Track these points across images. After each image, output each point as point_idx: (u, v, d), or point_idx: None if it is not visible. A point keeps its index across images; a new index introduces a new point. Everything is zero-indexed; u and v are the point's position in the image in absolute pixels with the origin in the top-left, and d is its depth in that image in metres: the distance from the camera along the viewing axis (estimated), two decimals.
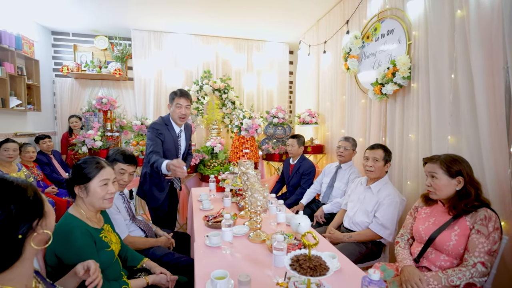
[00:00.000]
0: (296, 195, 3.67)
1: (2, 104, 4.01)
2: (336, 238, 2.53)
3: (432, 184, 1.82)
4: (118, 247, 1.79)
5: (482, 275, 1.58)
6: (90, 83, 5.75)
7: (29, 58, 4.68)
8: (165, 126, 2.99)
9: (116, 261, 1.73)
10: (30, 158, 4.00)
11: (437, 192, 1.81)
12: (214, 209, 2.77)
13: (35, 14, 4.75)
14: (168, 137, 2.97)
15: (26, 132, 4.74)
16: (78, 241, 1.48)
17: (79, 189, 1.59)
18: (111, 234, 1.76)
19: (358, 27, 3.70)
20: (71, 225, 1.51)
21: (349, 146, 3.31)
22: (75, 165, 1.63)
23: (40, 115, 5.18)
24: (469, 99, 2.15)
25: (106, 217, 1.83)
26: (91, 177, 1.59)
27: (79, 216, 1.58)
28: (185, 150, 3.24)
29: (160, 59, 5.59)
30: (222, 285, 1.41)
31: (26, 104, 4.49)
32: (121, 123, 4.75)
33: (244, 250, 1.92)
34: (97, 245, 1.57)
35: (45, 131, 5.14)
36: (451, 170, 1.75)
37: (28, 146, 4.00)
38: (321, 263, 1.12)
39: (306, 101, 5.45)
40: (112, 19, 4.97)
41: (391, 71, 2.85)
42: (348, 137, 3.40)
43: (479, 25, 2.03)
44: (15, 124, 4.57)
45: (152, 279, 1.80)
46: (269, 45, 6.21)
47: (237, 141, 4.56)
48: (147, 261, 1.98)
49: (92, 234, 1.57)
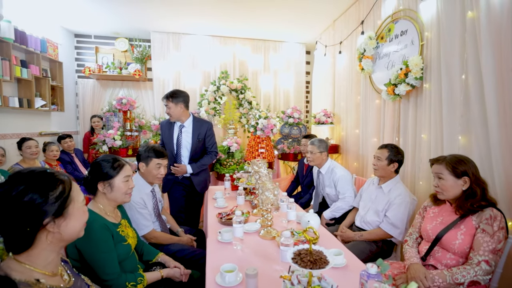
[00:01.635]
0: (310, 194, 3.67)
1: (28, 105, 4.13)
2: (348, 237, 2.58)
3: (439, 184, 1.85)
4: (135, 241, 1.89)
5: (486, 274, 1.60)
6: (111, 84, 5.94)
7: (53, 60, 4.82)
8: (168, 124, 3.27)
9: (133, 254, 1.83)
10: (54, 156, 4.14)
11: (444, 193, 1.84)
12: (228, 206, 2.86)
13: (60, 18, 4.95)
14: (165, 132, 3.25)
15: (50, 132, 4.91)
16: (97, 235, 1.58)
17: (103, 185, 1.70)
18: (128, 229, 1.86)
19: (373, 27, 3.71)
20: (90, 219, 1.57)
21: (315, 149, 3.12)
22: (95, 163, 1.74)
23: (63, 115, 5.36)
24: (479, 100, 2.16)
25: (123, 213, 1.94)
26: (115, 174, 1.72)
27: (97, 211, 1.68)
28: (192, 147, 3.20)
29: (178, 60, 5.71)
30: (230, 278, 1.49)
31: (50, 105, 4.62)
32: (140, 123, 4.90)
33: (254, 246, 1.99)
34: (114, 238, 1.67)
35: (67, 130, 5.34)
36: (457, 170, 1.77)
37: (52, 145, 4.14)
38: (321, 257, 1.19)
39: (322, 101, 5.48)
40: (132, 22, 5.12)
41: (404, 72, 2.86)
42: (314, 139, 3.23)
43: (489, 26, 2.04)
44: (40, 124, 4.74)
45: (166, 272, 1.87)
46: (286, 45, 6.25)
47: (253, 141, 4.64)
48: (162, 255, 2.06)
49: (110, 228, 1.66)
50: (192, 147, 3.20)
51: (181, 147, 3.20)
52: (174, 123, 3.23)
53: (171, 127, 3.24)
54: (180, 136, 3.20)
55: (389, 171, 2.54)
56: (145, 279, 1.73)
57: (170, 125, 3.24)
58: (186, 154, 3.22)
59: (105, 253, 1.59)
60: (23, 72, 3.96)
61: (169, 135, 3.22)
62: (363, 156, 3.93)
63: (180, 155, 3.20)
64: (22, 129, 4.28)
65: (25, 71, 4.00)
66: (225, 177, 3.49)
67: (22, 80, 4.03)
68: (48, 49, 4.60)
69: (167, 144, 3.23)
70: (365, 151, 3.90)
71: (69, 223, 1.05)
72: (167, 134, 3.22)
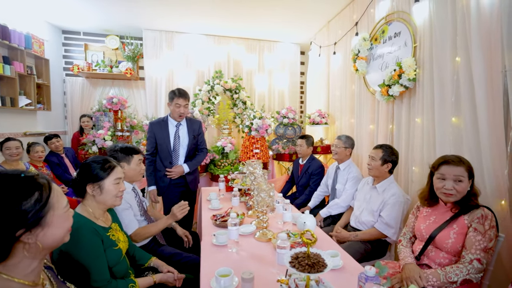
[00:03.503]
0: (306, 195, 3.70)
1: (11, 104, 3.97)
2: (343, 237, 2.60)
3: (456, 187, 1.77)
4: (126, 245, 1.83)
5: (478, 272, 1.64)
6: (101, 83, 5.80)
7: (39, 57, 4.67)
8: (161, 123, 3.21)
9: (124, 259, 1.77)
10: (39, 157, 3.96)
11: (458, 195, 1.79)
12: (223, 208, 2.85)
13: (45, 13, 4.76)
14: (159, 133, 3.17)
15: (36, 132, 4.72)
16: (86, 240, 1.52)
17: (92, 187, 1.63)
18: (119, 233, 1.80)
19: (367, 29, 3.74)
20: (79, 223, 1.52)
21: (341, 143, 3.30)
22: (85, 164, 1.66)
23: (50, 115, 5.18)
24: (470, 101, 2.21)
25: (114, 216, 1.87)
26: (105, 176, 1.65)
27: (86, 215, 1.62)
28: (189, 145, 3.25)
29: (171, 59, 5.64)
30: (226, 283, 1.48)
31: (35, 103, 4.46)
32: (131, 122, 4.81)
33: (250, 248, 1.99)
34: (104, 243, 1.61)
35: (55, 130, 5.15)
36: (471, 172, 1.79)
37: (36, 146, 3.96)
38: (319, 260, 1.19)
39: (316, 101, 5.50)
40: (123, 19, 5.01)
41: (398, 73, 2.89)
42: (341, 135, 3.40)
43: (479, 30, 2.09)
44: (25, 123, 4.54)
45: (159, 278, 1.83)
46: (280, 45, 6.25)
47: (247, 141, 4.62)
48: (155, 259, 2.02)
49: (99, 233, 1.60)
50: (188, 145, 3.24)
51: (178, 145, 3.21)
52: (168, 122, 3.20)
53: (164, 126, 3.19)
54: (178, 135, 3.20)
55: (383, 171, 2.56)
56: (137, 285, 1.67)
57: (163, 124, 3.20)
58: (183, 152, 3.24)
59: (94, 259, 1.53)
60: (6, 69, 3.80)
61: (165, 134, 3.18)
62: (357, 156, 3.95)
63: (178, 153, 3.22)
64: (5, 129, 4.10)
65: (8, 68, 3.84)
66: (220, 178, 3.47)
67: (5, 77, 3.86)
68: (33, 45, 4.46)
69: (161, 145, 3.18)
70: (359, 151, 3.92)
71: (48, 232, 0.96)
72: (161, 134, 3.17)
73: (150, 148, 3.20)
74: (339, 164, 3.38)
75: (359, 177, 3.18)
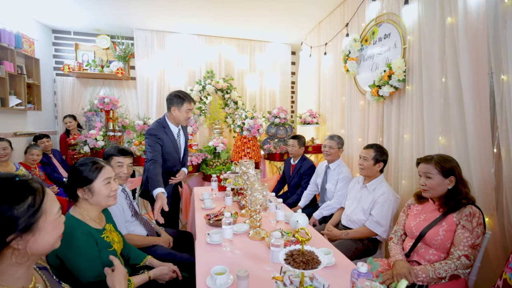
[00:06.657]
0: (297, 195, 3.73)
1: (2, 104, 3.95)
2: (334, 235, 2.63)
3: (426, 183, 1.91)
4: (121, 246, 1.83)
5: (466, 267, 1.70)
6: (91, 82, 5.77)
7: (29, 57, 4.64)
8: (163, 130, 2.94)
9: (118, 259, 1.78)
10: (33, 161, 3.92)
11: (431, 191, 1.91)
12: (216, 208, 2.86)
13: (35, 12, 4.73)
14: (167, 140, 2.94)
15: (26, 132, 4.69)
16: (80, 243, 1.51)
17: (82, 191, 1.61)
18: (113, 234, 1.79)
19: (357, 30, 3.79)
20: (72, 227, 1.52)
21: (334, 144, 3.35)
22: (73, 167, 1.65)
23: (41, 115, 5.15)
24: (458, 102, 2.27)
25: (108, 217, 1.86)
26: (93, 178, 1.62)
27: (80, 217, 1.61)
28: (185, 148, 3.20)
29: (163, 59, 5.63)
30: (221, 281, 1.50)
31: (26, 103, 4.44)
32: (123, 122, 4.78)
33: (244, 247, 2.00)
34: (98, 245, 1.60)
35: (45, 130, 5.14)
36: (445, 170, 1.85)
37: (33, 149, 3.93)
38: (313, 258, 1.22)
39: (307, 101, 5.53)
40: (114, 18, 4.99)
41: (387, 74, 2.94)
42: (333, 135, 3.43)
43: (466, 32, 2.15)
44: (15, 123, 4.51)
45: (153, 273, 1.83)
46: (271, 46, 6.29)
47: (239, 141, 4.64)
48: (150, 258, 2.02)
49: (94, 235, 1.59)
50: (185, 149, 3.20)
51: (180, 150, 3.14)
52: (170, 128, 2.98)
53: (167, 133, 2.96)
54: (180, 140, 3.12)
55: (375, 170, 2.61)
56: (132, 283, 1.65)
57: (165, 130, 2.96)
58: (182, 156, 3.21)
59: (89, 261, 1.52)
60: None
61: (172, 140, 2.98)
62: (348, 155, 4.00)
63: (184, 159, 3.19)
64: None
65: None
66: (212, 178, 3.49)
67: None
68: (24, 45, 4.43)
69: (170, 153, 2.98)
70: (350, 151, 3.98)
71: (39, 238, 0.93)
72: (168, 141, 2.95)
73: (156, 155, 2.82)
74: (329, 163, 3.42)
75: (350, 177, 3.23)
